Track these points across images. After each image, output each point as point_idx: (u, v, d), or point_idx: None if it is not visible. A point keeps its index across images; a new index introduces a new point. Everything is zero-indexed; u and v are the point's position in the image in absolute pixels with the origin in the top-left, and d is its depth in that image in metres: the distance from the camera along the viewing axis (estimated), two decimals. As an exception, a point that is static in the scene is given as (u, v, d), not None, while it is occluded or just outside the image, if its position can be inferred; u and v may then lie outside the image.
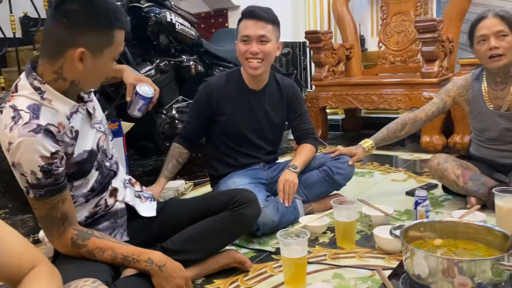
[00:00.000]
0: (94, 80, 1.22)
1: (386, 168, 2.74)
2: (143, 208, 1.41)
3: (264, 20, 1.76)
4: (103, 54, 1.15)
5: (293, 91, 1.99)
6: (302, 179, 1.92)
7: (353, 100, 3.47)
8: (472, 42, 1.89)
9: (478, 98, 1.94)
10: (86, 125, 1.25)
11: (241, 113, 1.87)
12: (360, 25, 4.13)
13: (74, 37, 1.10)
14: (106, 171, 1.31)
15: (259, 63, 1.78)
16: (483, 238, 1.22)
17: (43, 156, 1.07)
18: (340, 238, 1.63)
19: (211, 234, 1.38)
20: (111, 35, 1.14)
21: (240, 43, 1.79)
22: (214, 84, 1.88)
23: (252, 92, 1.89)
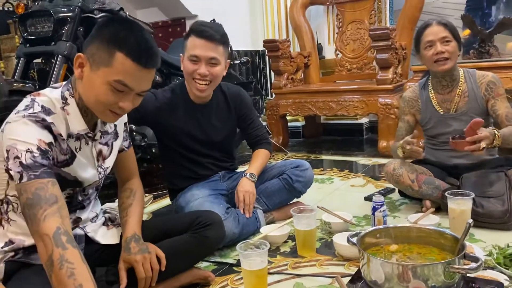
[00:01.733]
0: (90, 101, 1.13)
1: (346, 173, 2.79)
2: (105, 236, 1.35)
3: (215, 41, 1.70)
4: (98, 71, 1.09)
5: (240, 100, 1.95)
6: (262, 189, 1.92)
7: (312, 107, 3.53)
8: (418, 49, 1.98)
9: (428, 105, 2.02)
10: (85, 158, 1.23)
11: (188, 127, 1.84)
12: (317, 33, 4.21)
13: (85, 45, 1.14)
14: (75, 202, 1.28)
15: (206, 85, 1.74)
16: (435, 241, 1.26)
17: (41, 139, 1.06)
18: (301, 246, 1.64)
19: (173, 255, 1.34)
20: (111, 55, 1.08)
21: (188, 61, 1.73)
22: (162, 97, 1.83)
23: (199, 106, 1.86)
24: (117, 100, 1.11)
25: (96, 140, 1.26)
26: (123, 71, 1.08)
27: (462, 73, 1.97)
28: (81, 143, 1.21)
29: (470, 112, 1.93)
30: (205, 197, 1.77)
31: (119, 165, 1.43)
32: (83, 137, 1.21)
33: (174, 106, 1.83)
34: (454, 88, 1.96)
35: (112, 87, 1.09)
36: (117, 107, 1.12)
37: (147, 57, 1.09)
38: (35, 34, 2.27)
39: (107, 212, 1.46)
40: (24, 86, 2.09)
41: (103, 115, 1.16)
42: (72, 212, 1.28)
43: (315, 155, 3.40)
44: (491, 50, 3.22)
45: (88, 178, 1.25)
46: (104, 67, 1.08)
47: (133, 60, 1.07)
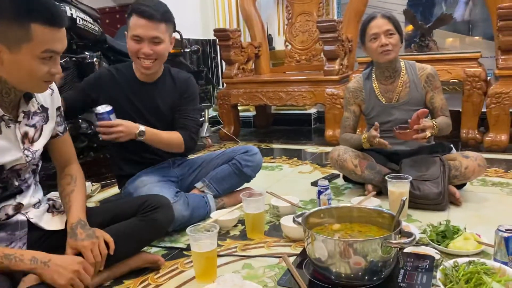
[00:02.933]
0: (21, 79, 1.12)
1: (294, 161, 2.87)
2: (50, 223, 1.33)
3: (156, 20, 1.68)
4: (20, 50, 1.07)
5: (186, 85, 1.91)
6: (212, 174, 1.95)
7: (262, 97, 3.58)
8: (363, 41, 2.07)
9: (371, 95, 2.12)
10: (7, 141, 1.18)
11: (131, 105, 1.82)
12: (267, 24, 4.25)
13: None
14: (11, 188, 1.24)
15: (151, 63, 1.74)
16: (375, 220, 1.34)
17: None
18: (250, 229, 1.69)
19: (121, 239, 1.34)
20: (26, 30, 1.05)
21: (131, 41, 1.72)
22: (104, 72, 1.85)
23: (143, 84, 1.84)
24: (48, 68, 1.14)
25: (20, 122, 1.22)
26: (46, 40, 1.09)
27: (403, 65, 2.09)
28: (1, 127, 1.18)
29: (411, 101, 2.05)
30: (154, 183, 1.77)
31: (55, 151, 1.41)
32: (1, 120, 1.18)
33: (117, 82, 1.82)
34: (396, 79, 2.07)
35: (41, 59, 1.11)
36: (49, 75, 1.15)
37: (57, 17, 1.12)
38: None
39: (52, 199, 1.43)
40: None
41: (37, 88, 1.19)
42: (12, 198, 1.26)
43: (266, 144, 3.46)
44: (430, 44, 3.41)
45: (9, 160, 1.20)
46: (25, 43, 1.07)
47: (51, 25, 1.09)
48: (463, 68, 2.96)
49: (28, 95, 1.23)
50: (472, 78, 2.92)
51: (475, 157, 1.93)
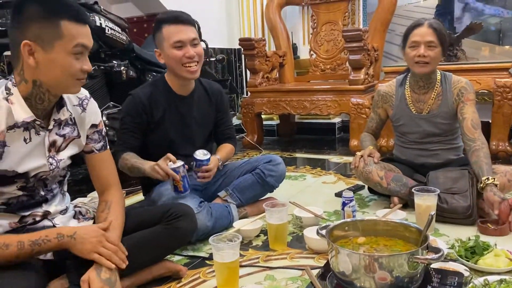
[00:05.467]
0: (57, 78, 1.16)
1: (318, 171, 2.84)
2: None
3: (189, 23, 1.77)
4: (54, 48, 1.12)
5: (221, 96, 2.02)
6: (236, 184, 1.94)
7: (286, 106, 3.57)
8: (404, 45, 2.02)
9: (402, 102, 2.08)
10: (34, 148, 1.21)
11: (170, 119, 1.86)
12: (292, 33, 4.25)
13: (21, 33, 1.11)
14: (37, 196, 1.27)
15: (196, 66, 1.79)
16: (401, 234, 1.31)
17: None
18: (272, 240, 1.67)
19: (145, 247, 1.35)
20: (57, 27, 1.11)
21: (173, 50, 1.75)
22: (142, 95, 1.83)
23: (181, 98, 1.88)
24: (80, 65, 1.17)
25: (51, 130, 1.25)
26: (75, 34, 1.14)
27: (439, 76, 2.03)
28: (31, 133, 1.20)
29: (441, 114, 2.00)
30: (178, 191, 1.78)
31: (93, 171, 1.40)
32: (32, 127, 1.20)
33: (155, 100, 1.84)
34: (430, 90, 2.02)
35: (73, 54, 1.15)
36: (81, 72, 1.18)
37: (82, 14, 1.18)
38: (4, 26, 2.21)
39: (78, 206, 1.46)
40: (-6, 78, 2.05)
41: (72, 87, 1.21)
42: (39, 206, 1.28)
43: (289, 153, 3.45)
44: (459, 54, 3.34)
45: (33, 167, 1.22)
46: (57, 40, 1.12)
47: (77, 21, 1.14)
48: (493, 78, 2.88)
49: (60, 104, 1.26)
50: (502, 89, 2.84)
51: (504, 172, 1.87)
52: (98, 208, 1.38)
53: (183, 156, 1.89)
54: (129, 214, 1.45)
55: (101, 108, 2.51)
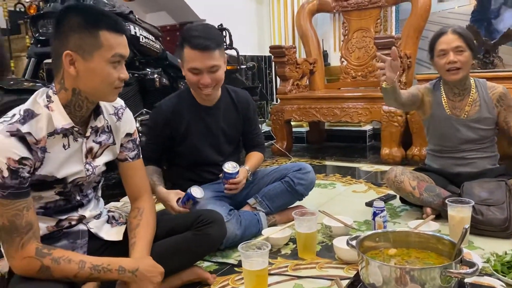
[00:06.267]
0: (96, 87, 1.19)
1: (348, 179, 2.82)
2: (109, 233, 1.38)
3: (211, 49, 1.70)
4: (93, 57, 1.15)
5: (248, 104, 2.01)
6: (265, 191, 1.95)
7: (316, 113, 3.56)
8: (432, 55, 2.00)
9: (439, 106, 2.04)
10: (72, 154, 1.25)
11: (197, 131, 1.87)
12: (323, 40, 4.24)
13: (63, 43, 1.16)
14: (74, 201, 1.31)
15: (211, 90, 1.78)
16: (433, 247, 1.28)
17: (10, 158, 1.10)
18: (301, 249, 1.67)
19: (175, 253, 1.37)
20: (96, 37, 1.15)
21: (189, 73, 1.75)
22: (166, 107, 1.86)
23: (206, 108, 1.89)
24: (118, 74, 1.21)
25: (88, 137, 1.28)
26: (113, 44, 1.17)
27: (473, 82, 2.00)
28: (69, 140, 1.24)
29: (481, 121, 1.96)
30: (208, 199, 1.80)
31: (126, 179, 1.43)
32: (70, 133, 1.23)
33: (180, 111, 1.86)
34: (465, 97, 1.99)
35: (111, 63, 1.18)
36: (119, 80, 1.22)
37: (120, 24, 1.21)
38: (46, 35, 2.31)
39: (111, 211, 1.49)
40: (34, 86, 2.13)
41: (110, 95, 1.24)
42: (74, 210, 1.32)
43: (319, 161, 3.43)
44: (496, 61, 3.24)
45: (71, 173, 1.26)
46: (96, 50, 1.15)
47: (115, 32, 1.18)
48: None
49: (96, 112, 1.30)
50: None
51: None
52: (130, 214, 1.42)
53: (211, 165, 1.92)
54: (160, 220, 1.47)
55: (135, 114, 2.57)
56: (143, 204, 1.41)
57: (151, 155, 1.85)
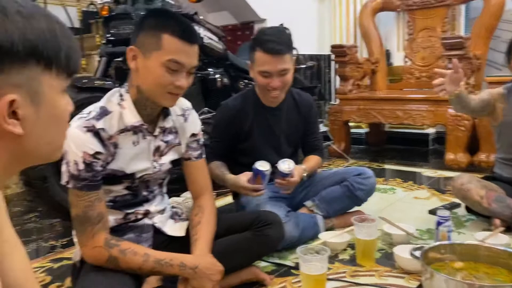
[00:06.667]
0: (149, 86, 1.22)
1: (409, 185, 2.73)
2: (172, 228, 1.43)
3: (282, 53, 1.72)
4: (151, 57, 1.19)
5: (310, 108, 2.00)
6: (323, 195, 1.93)
7: (377, 114, 3.47)
8: (509, 59, 1.89)
9: None
10: (141, 151, 1.31)
11: (259, 131, 1.89)
12: (386, 39, 4.13)
13: (133, 40, 1.23)
14: (140, 196, 1.37)
15: (279, 93, 1.79)
16: (504, 262, 1.21)
17: (85, 152, 1.18)
18: (360, 255, 1.64)
19: (235, 252, 1.40)
20: (158, 38, 1.18)
21: (259, 75, 1.76)
22: (232, 106, 1.88)
23: (269, 109, 1.90)
24: (173, 80, 1.21)
25: (156, 136, 1.33)
26: (172, 50, 1.19)
27: None
28: (139, 137, 1.30)
29: None
30: (266, 199, 1.82)
31: (188, 177, 1.48)
32: (140, 131, 1.29)
33: (245, 110, 1.88)
34: None
35: (166, 67, 1.19)
36: (174, 87, 1.22)
37: (188, 33, 1.22)
38: (117, 35, 2.43)
39: (174, 207, 1.55)
40: (104, 84, 2.25)
41: (163, 99, 1.25)
42: (140, 205, 1.38)
43: (378, 164, 3.35)
44: None
45: (139, 169, 1.31)
46: (155, 51, 1.18)
47: (179, 38, 1.19)
48: None
49: (165, 112, 1.35)
50: None
51: None
52: (192, 212, 1.46)
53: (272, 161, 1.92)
54: (220, 218, 1.50)
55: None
56: (204, 203, 1.45)
57: (218, 152, 1.87)
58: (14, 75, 0.56)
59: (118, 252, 1.20)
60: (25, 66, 0.57)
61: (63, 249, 1.90)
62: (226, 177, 1.77)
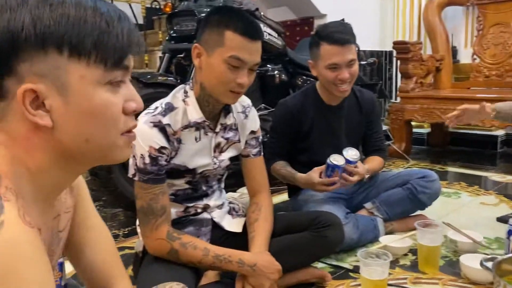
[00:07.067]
0: (211, 83, 1.23)
1: (475, 189, 2.58)
2: (230, 224, 1.44)
3: (349, 43, 1.69)
4: (214, 54, 1.20)
5: (372, 106, 1.94)
6: (384, 197, 1.87)
7: (441, 114, 3.30)
8: None
9: None
10: (202, 147, 1.33)
11: (319, 130, 1.85)
12: (452, 35, 3.93)
13: (198, 38, 1.25)
14: (200, 191, 1.39)
15: (348, 86, 1.74)
16: None
17: (152, 146, 1.21)
18: (423, 262, 1.57)
19: (292, 251, 1.39)
20: (221, 35, 1.19)
21: (326, 70, 1.71)
22: (291, 105, 1.84)
23: (330, 108, 1.86)
24: (234, 77, 1.20)
25: (217, 133, 1.34)
26: (234, 46, 1.18)
27: None
28: (201, 133, 1.31)
29: None
30: (325, 199, 1.78)
31: (246, 174, 1.48)
32: (202, 127, 1.30)
33: (305, 109, 1.85)
34: None
35: (228, 64, 1.19)
36: (236, 84, 1.21)
37: (252, 30, 1.21)
38: (179, 32, 2.48)
39: (232, 202, 1.56)
40: (167, 80, 2.31)
41: (225, 97, 1.25)
42: (200, 199, 1.40)
43: (440, 166, 3.19)
44: None
45: (200, 164, 1.33)
46: (218, 48, 1.19)
47: (241, 34, 1.18)
48: None
49: (227, 109, 1.36)
50: None
51: None
52: (249, 209, 1.47)
53: None
54: (278, 217, 1.50)
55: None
56: (261, 200, 1.45)
57: (279, 150, 1.85)
58: (36, 63, 0.55)
59: (179, 245, 1.22)
60: (46, 54, 0.55)
61: (125, 238, 1.97)
62: (296, 176, 1.74)
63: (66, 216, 0.73)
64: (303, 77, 2.92)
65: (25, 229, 0.51)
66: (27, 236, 0.50)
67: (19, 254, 0.48)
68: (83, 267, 0.80)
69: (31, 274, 0.49)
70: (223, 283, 1.32)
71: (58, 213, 0.70)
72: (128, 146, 0.65)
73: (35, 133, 0.57)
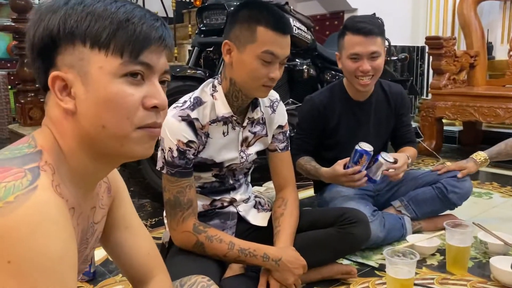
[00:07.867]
0: (243, 79, 1.24)
1: (508, 190, 2.50)
2: (256, 218, 1.45)
3: (374, 35, 1.65)
4: (245, 50, 1.20)
5: (401, 99, 1.89)
6: (412, 195, 1.83)
7: (474, 112, 3.22)
8: None
9: None
10: (230, 141, 1.34)
11: (346, 126, 1.82)
12: (488, 31, 3.80)
13: (227, 33, 1.25)
14: (227, 184, 1.40)
15: (369, 80, 1.70)
16: None
17: (180, 140, 1.23)
18: (451, 262, 1.53)
19: (318, 247, 1.39)
20: (253, 31, 1.19)
21: (348, 60, 1.69)
22: (318, 101, 1.82)
23: (357, 103, 1.83)
24: (267, 72, 1.21)
25: (244, 127, 1.35)
26: (267, 41, 1.18)
27: None
28: (228, 127, 1.32)
29: None
30: (351, 196, 1.77)
31: (273, 168, 1.48)
32: (229, 122, 1.31)
33: (332, 105, 1.83)
34: None
35: (261, 60, 1.19)
36: (268, 79, 1.22)
37: (282, 24, 1.20)
38: (209, 26, 2.48)
39: (258, 196, 1.56)
40: (195, 73, 2.32)
41: (257, 91, 1.26)
42: (227, 193, 1.41)
43: (472, 165, 3.11)
44: None
45: (228, 158, 1.34)
46: (250, 44, 1.19)
47: (273, 29, 1.18)
48: None
49: (254, 104, 1.36)
50: None
51: None
52: (275, 203, 1.47)
53: None
54: (303, 212, 1.50)
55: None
56: (287, 195, 1.45)
57: (305, 147, 1.84)
58: (67, 56, 0.62)
59: (205, 238, 1.24)
60: (74, 47, 0.62)
61: (152, 228, 2.01)
62: (320, 171, 1.71)
63: (101, 211, 0.78)
64: (332, 72, 2.89)
65: (55, 196, 0.56)
66: (56, 202, 0.56)
67: (47, 215, 0.53)
68: (122, 263, 0.86)
69: (56, 234, 0.53)
70: (247, 276, 1.33)
71: (94, 205, 0.75)
72: (146, 142, 0.66)
73: (65, 118, 0.64)
